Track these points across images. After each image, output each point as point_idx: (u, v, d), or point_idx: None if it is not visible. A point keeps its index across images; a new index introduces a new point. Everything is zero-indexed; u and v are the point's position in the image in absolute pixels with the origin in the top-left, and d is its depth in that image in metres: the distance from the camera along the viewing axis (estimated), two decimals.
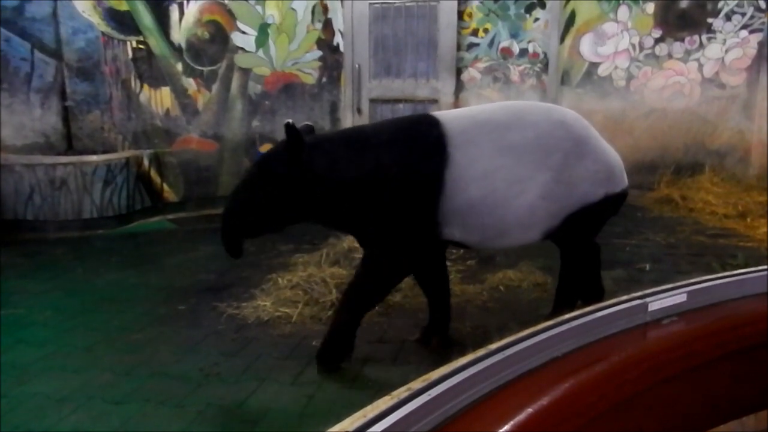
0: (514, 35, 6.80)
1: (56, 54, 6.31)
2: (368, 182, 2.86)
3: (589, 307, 1.37)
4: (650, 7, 6.57)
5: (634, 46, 6.65)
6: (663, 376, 1.30)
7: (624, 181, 3.11)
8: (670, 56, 6.61)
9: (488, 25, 6.82)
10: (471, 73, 6.91)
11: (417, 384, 1.29)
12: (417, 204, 2.86)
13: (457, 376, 1.26)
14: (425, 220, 2.89)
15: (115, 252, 5.30)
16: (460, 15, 6.80)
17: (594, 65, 6.75)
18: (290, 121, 2.83)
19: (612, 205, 3.09)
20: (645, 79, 6.67)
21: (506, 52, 6.83)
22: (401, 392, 1.28)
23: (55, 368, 3.05)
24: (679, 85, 6.62)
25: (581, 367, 1.27)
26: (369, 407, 1.28)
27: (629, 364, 1.26)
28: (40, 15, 6.22)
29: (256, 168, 2.95)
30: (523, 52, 6.80)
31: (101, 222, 6.01)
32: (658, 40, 6.60)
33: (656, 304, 1.34)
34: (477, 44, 6.85)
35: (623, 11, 6.62)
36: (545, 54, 6.76)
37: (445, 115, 3.00)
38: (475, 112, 3.04)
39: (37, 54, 6.25)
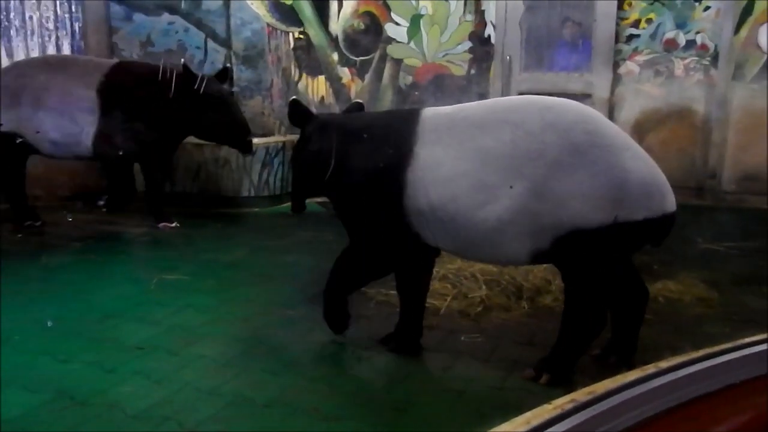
0: (680, 25, 6.36)
1: (226, 43, 6.82)
2: (336, 169, 2.90)
3: None
4: None
5: None
6: None
7: (662, 207, 2.52)
8: None
9: (652, 15, 6.43)
10: (629, 67, 6.56)
11: (581, 396, 1.28)
12: (379, 200, 2.81)
13: (624, 392, 1.24)
14: (393, 218, 2.79)
15: (268, 230, 5.64)
16: (620, 4, 6.46)
17: None
18: (294, 97, 3.16)
19: (633, 234, 2.53)
20: None
21: (670, 44, 6.40)
22: (564, 403, 1.27)
23: (217, 334, 3.32)
24: None
25: (763, 397, 1.20)
26: (530, 414, 1.29)
27: None
28: (214, 7, 6.74)
29: None
30: (690, 43, 6.34)
31: (257, 201, 6.43)
32: None
33: None
34: (637, 35, 6.48)
35: None
36: (715, 46, 6.26)
37: (429, 111, 2.84)
38: (458, 109, 2.81)
39: (210, 43, 6.79)
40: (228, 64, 5.82)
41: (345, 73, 7.11)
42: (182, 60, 5.14)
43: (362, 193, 2.88)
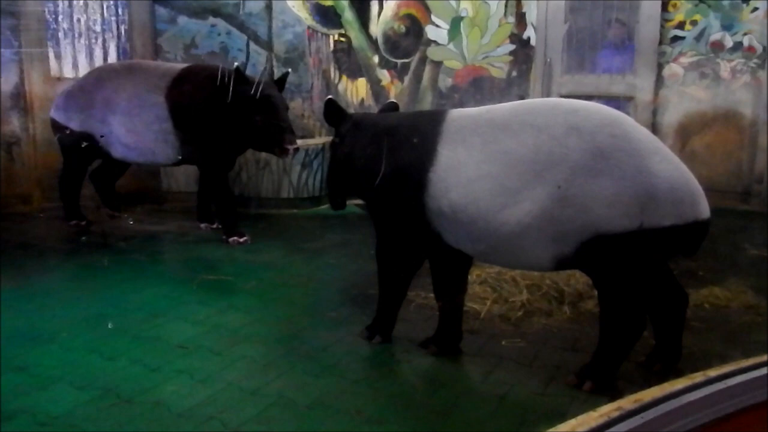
0: (727, 27, 6.22)
1: (268, 46, 6.91)
2: (367, 167, 2.98)
3: None
4: None
5: None
6: None
7: (693, 214, 2.47)
8: None
9: (697, 17, 6.30)
10: (673, 69, 6.44)
11: (628, 404, 1.27)
12: (403, 198, 2.88)
13: (672, 401, 1.22)
14: (414, 217, 2.85)
15: (308, 231, 5.69)
16: (664, 6, 6.35)
17: None
18: (330, 96, 3.20)
19: (661, 241, 2.46)
20: None
21: (717, 46, 6.26)
22: (611, 410, 1.27)
23: (259, 335, 3.36)
24: None
25: None
26: (575, 421, 1.29)
27: None
28: (256, 10, 6.84)
29: None
30: (737, 45, 6.19)
31: (296, 202, 6.49)
32: None
33: None
34: (682, 37, 6.37)
35: None
36: (763, 47, 6.10)
37: (455, 112, 2.88)
38: (484, 110, 2.82)
39: (252, 45, 6.89)
40: (289, 69, 5.82)
41: (385, 75, 7.13)
42: (235, 64, 5.09)
43: (387, 190, 2.93)
